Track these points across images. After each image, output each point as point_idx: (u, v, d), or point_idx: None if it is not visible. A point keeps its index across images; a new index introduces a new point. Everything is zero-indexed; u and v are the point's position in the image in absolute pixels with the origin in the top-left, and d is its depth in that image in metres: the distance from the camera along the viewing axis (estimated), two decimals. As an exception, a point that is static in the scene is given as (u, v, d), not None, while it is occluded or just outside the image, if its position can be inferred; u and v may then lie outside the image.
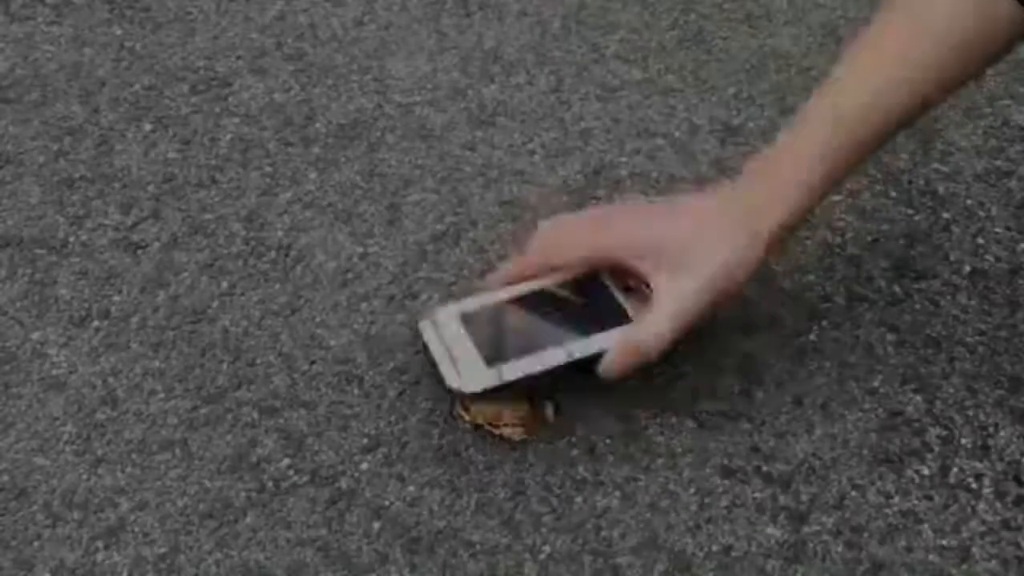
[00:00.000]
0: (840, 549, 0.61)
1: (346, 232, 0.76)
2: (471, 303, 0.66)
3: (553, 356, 0.62)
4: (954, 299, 0.72)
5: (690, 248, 0.61)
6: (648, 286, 0.62)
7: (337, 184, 0.79)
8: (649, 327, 0.61)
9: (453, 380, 0.62)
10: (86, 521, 0.61)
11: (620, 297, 0.64)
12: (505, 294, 0.65)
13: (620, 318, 0.63)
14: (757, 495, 0.63)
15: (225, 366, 0.68)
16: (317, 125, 0.83)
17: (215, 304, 0.71)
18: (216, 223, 0.76)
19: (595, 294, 0.65)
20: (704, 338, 0.70)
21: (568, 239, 0.66)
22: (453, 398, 0.65)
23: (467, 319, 0.64)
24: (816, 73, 0.87)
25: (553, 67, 0.88)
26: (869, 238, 0.76)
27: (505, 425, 0.64)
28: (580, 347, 0.62)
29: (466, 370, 0.62)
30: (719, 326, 0.70)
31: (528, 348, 0.62)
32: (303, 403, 0.67)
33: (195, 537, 0.61)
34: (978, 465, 0.64)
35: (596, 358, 0.62)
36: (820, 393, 0.67)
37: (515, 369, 0.62)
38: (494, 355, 0.62)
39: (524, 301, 0.65)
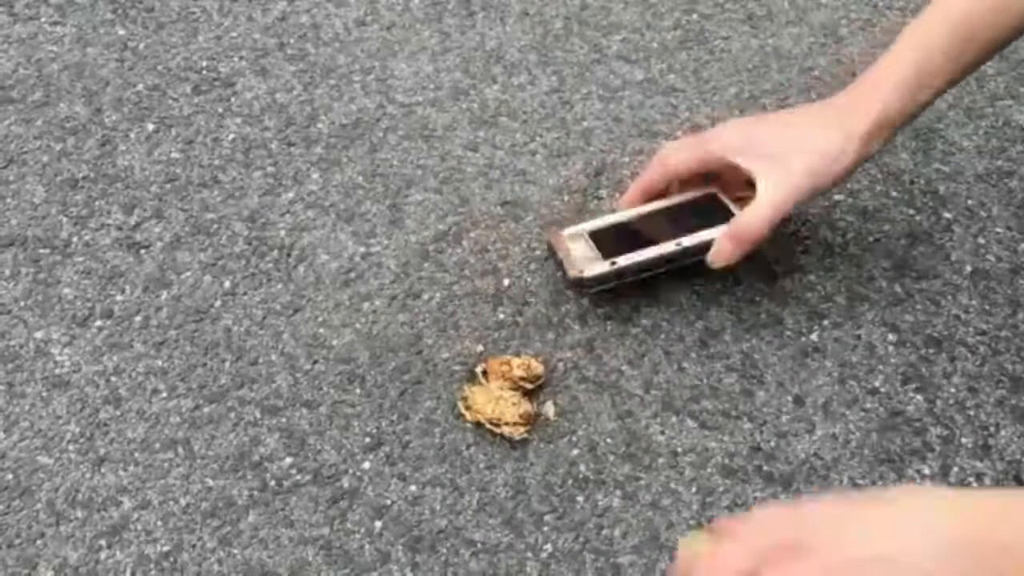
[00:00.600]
0: (841, 548, 0.61)
1: (348, 232, 0.76)
2: (597, 222, 0.72)
3: (664, 247, 0.68)
4: (955, 299, 0.72)
5: (788, 143, 0.67)
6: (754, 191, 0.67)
7: (339, 184, 0.79)
8: (752, 211, 0.67)
9: (573, 270, 0.69)
10: (89, 519, 0.61)
11: (730, 204, 0.70)
12: (630, 213, 0.72)
13: (728, 217, 0.69)
14: (758, 494, 0.63)
15: (227, 365, 0.68)
16: (319, 125, 0.83)
17: (217, 303, 0.72)
18: (219, 223, 0.76)
19: (707, 204, 0.71)
20: (705, 337, 0.70)
21: (680, 148, 0.71)
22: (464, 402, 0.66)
23: (592, 234, 0.71)
24: (818, 72, 0.88)
25: (555, 67, 0.88)
26: (870, 238, 0.76)
27: (505, 424, 0.64)
28: (689, 239, 0.68)
29: (585, 263, 0.69)
30: (721, 325, 0.70)
31: (642, 244, 0.69)
32: (305, 402, 0.67)
33: (198, 535, 0.61)
34: (979, 464, 0.64)
35: (706, 248, 0.68)
36: (821, 393, 0.67)
37: (628, 259, 0.68)
38: (611, 252, 0.69)
39: (644, 216, 0.72)
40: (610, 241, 0.70)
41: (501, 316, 0.71)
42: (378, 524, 0.61)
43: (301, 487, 0.63)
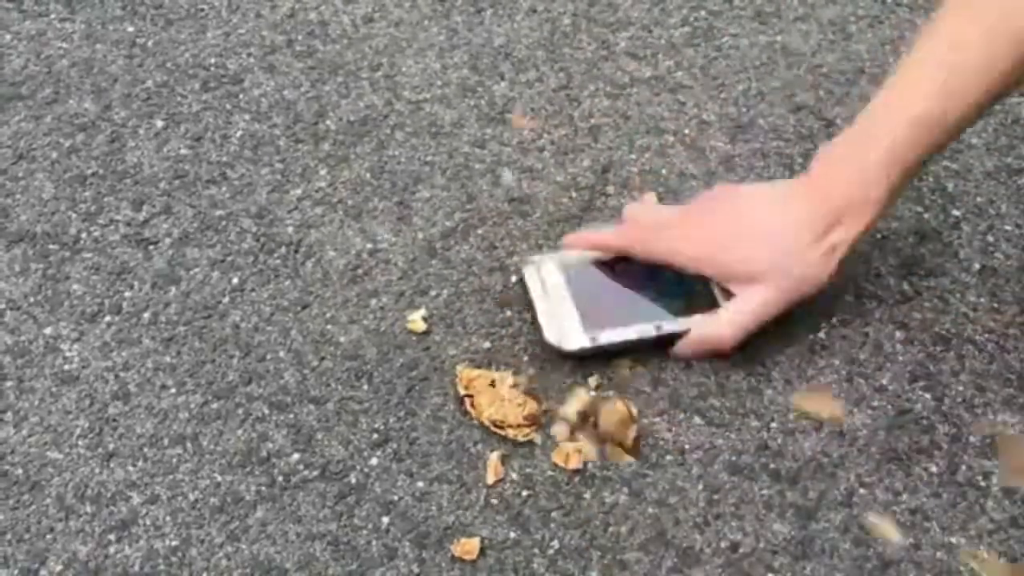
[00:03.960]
0: (848, 546, 0.61)
1: (356, 228, 0.76)
2: (575, 258, 0.70)
3: (644, 329, 0.67)
4: (963, 297, 0.72)
5: (766, 267, 0.65)
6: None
7: (347, 181, 0.79)
8: (723, 324, 0.66)
9: (552, 335, 0.66)
10: (98, 514, 0.62)
11: (717, 295, 0.67)
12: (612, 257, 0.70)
13: (709, 304, 0.67)
14: (765, 492, 0.63)
15: (235, 361, 0.69)
16: (327, 122, 0.83)
17: (226, 300, 0.72)
18: (227, 219, 0.76)
19: (691, 276, 0.68)
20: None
21: (652, 239, 0.69)
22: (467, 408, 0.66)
23: (570, 275, 0.69)
24: (826, 70, 0.87)
25: (563, 64, 0.88)
26: (878, 235, 0.76)
27: (510, 427, 0.64)
28: (669, 324, 0.67)
29: (565, 329, 0.66)
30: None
31: (623, 317, 0.67)
32: (313, 398, 0.67)
33: (206, 531, 0.61)
34: (986, 463, 0.64)
35: (680, 336, 0.67)
36: (829, 390, 0.67)
37: (609, 336, 0.66)
38: (592, 320, 0.67)
39: (627, 268, 0.69)
40: (588, 295, 0.68)
41: (508, 313, 0.71)
42: (385, 520, 0.62)
43: (309, 483, 0.63)
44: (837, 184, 0.64)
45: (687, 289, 0.68)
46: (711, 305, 0.67)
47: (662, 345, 0.67)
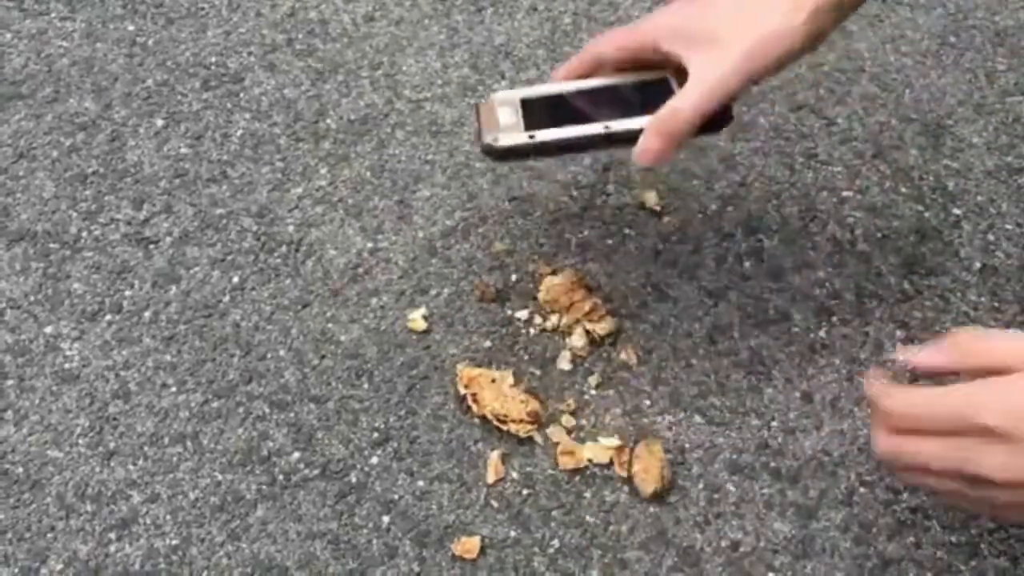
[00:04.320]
0: (848, 545, 0.61)
1: (356, 227, 0.76)
2: (534, 89, 0.65)
3: (590, 128, 0.61)
4: (964, 296, 0.72)
5: (722, 21, 0.58)
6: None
7: (347, 179, 0.79)
8: (678, 99, 0.58)
9: (487, 137, 0.62)
10: (99, 513, 0.62)
11: (672, 82, 0.62)
12: (574, 85, 0.65)
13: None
14: (766, 491, 0.63)
15: (236, 360, 0.69)
16: (328, 121, 0.83)
17: (226, 299, 0.72)
18: (227, 218, 0.76)
19: (654, 88, 0.62)
20: (713, 333, 0.70)
21: (610, 37, 0.63)
22: (461, 394, 0.66)
23: (524, 101, 0.64)
24: (827, 68, 0.87)
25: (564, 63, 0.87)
26: (879, 234, 0.76)
27: (512, 422, 0.64)
28: (619, 124, 0.61)
29: (503, 132, 0.62)
30: (729, 322, 0.70)
31: (572, 120, 0.62)
32: (313, 397, 0.67)
33: (206, 529, 0.61)
34: (987, 462, 0.64)
35: (635, 137, 0.60)
36: (829, 389, 0.67)
37: (549, 134, 0.61)
38: (535, 124, 0.62)
39: (587, 92, 0.64)
40: (540, 112, 0.63)
41: (509, 312, 0.71)
42: (386, 519, 0.62)
43: (309, 482, 0.63)
44: None
45: (646, 99, 0.61)
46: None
47: (616, 144, 0.62)
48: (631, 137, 0.60)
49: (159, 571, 0.60)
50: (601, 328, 0.69)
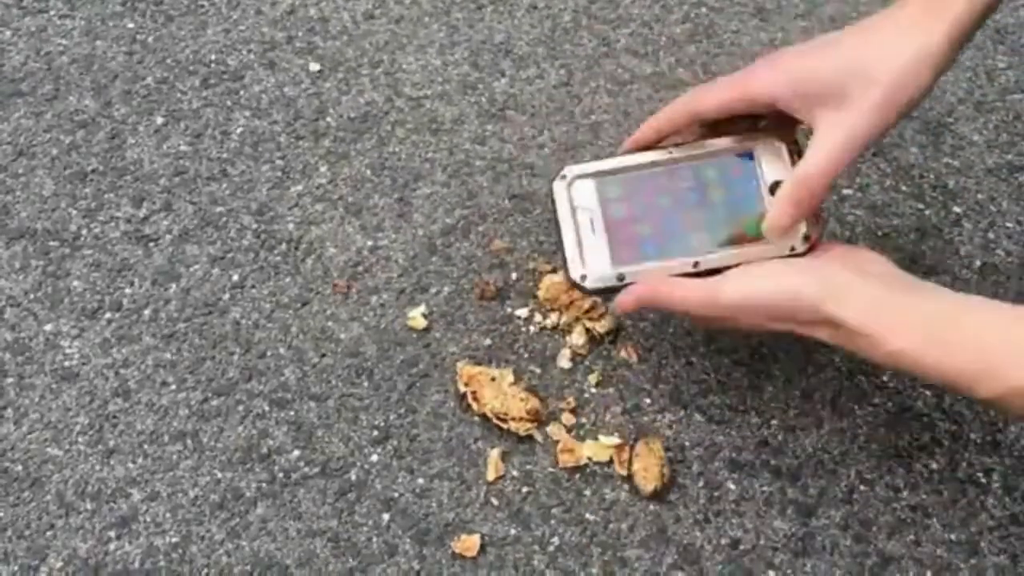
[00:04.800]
0: (848, 543, 0.61)
1: (356, 225, 0.76)
2: (609, 167, 0.61)
3: (680, 266, 0.59)
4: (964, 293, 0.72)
5: (851, 67, 0.52)
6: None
7: (347, 177, 0.79)
8: (810, 166, 0.54)
9: (576, 271, 0.59)
10: (98, 511, 0.62)
11: (763, 184, 0.59)
12: (644, 158, 0.60)
13: (758, 236, 0.58)
14: (766, 488, 0.63)
15: (236, 358, 0.69)
16: (328, 119, 0.83)
17: (226, 296, 0.72)
18: (227, 216, 0.76)
19: (743, 176, 0.59)
20: (714, 332, 0.70)
21: (713, 89, 0.57)
22: (463, 397, 0.66)
23: (603, 193, 0.60)
24: (827, 67, 0.87)
25: (563, 61, 0.87)
26: (880, 232, 0.76)
27: (512, 420, 0.64)
28: (708, 258, 0.58)
29: (591, 263, 0.59)
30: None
31: (657, 251, 0.59)
32: (313, 395, 0.67)
33: (206, 527, 0.61)
34: (987, 460, 0.64)
35: (718, 271, 0.58)
36: (829, 387, 0.67)
37: (637, 270, 0.59)
38: (620, 253, 0.59)
39: (664, 175, 0.60)
40: (619, 220, 0.60)
41: (509, 310, 0.71)
42: (386, 517, 0.62)
43: (309, 479, 0.63)
44: None
45: (733, 202, 0.59)
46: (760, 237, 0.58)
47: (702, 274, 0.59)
48: (716, 271, 0.57)
49: (159, 569, 0.60)
50: (601, 326, 0.69)
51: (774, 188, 0.59)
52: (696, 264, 0.58)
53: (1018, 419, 0.61)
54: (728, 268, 0.57)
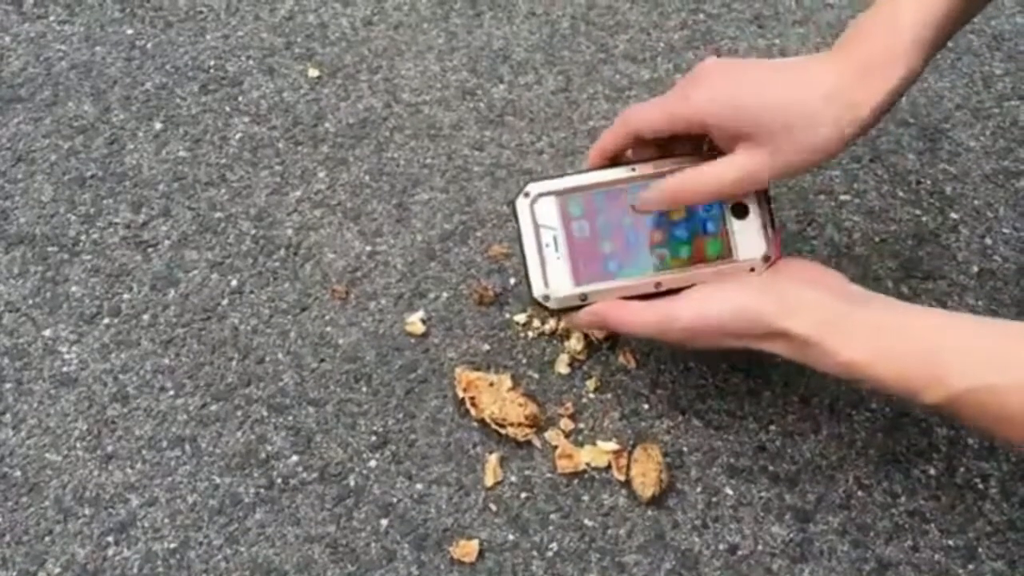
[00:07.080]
0: (846, 548, 0.61)
1: (355, 231, 0.76)
2: (572, 184, 0.61)
3: (642, 285, 0.59)
4: (962, 299, 0.72)
5: (778, 115, 0.55)
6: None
7: (346, 183, 0.79)
8: (708, 174, 0.57)
9: (539, 289, 0.60)
10: (97, 516, 0.62)
11: (725, 205, 0.60)
12: (606, 175, 0.61)
13: (721, 255, 0.59)
14: (763, 494, 0.63)
15: (234, 364, 0.69)
16: (326, 124, 0.83)
17: (224, 302, 0.72)
18: (226, 221, 0.76)
19: (701, 213, 0.60)
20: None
21: (648, 108, 0.59)
22: (460, 401, 0.66)
23: (566, 211, 0.60)
24: (824, 73, 0.87)
25: (562, 67, 0.88)
26: (877, 238, 0.76)
27: (510, 425, 0.64)
28: (670, 280, 0.59)
29: (554, 282, 0.59)
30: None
31: (619, 269, 0.60)
32: (312, 401, 0.67)
33: (204, 533, 0.61)
34: (984, 465, 0.64)
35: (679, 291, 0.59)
36: (827, 393, 0.67)
37: (601, 294, 0.59)
38: (582, 272, 0.60)
39: (627, 193, 0.60)
40: (581, 239, 0.60)
41: (507, 315, 0.71)
42: (384, 522, 0.62)
43: (307, 485, 0.63)
44: (860, 43, 0.55)
45: (695, 230, 0.60)
46: (724, 256, 0.60)
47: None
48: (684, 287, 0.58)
49: (157, 574, 0.60)
50: (599, 332, 0.69)
51: (736, 208, 0.60)
52: (658, 284, 0.59)
53: (967, 425, 0.62)
54: (689, 287, 0.58)
